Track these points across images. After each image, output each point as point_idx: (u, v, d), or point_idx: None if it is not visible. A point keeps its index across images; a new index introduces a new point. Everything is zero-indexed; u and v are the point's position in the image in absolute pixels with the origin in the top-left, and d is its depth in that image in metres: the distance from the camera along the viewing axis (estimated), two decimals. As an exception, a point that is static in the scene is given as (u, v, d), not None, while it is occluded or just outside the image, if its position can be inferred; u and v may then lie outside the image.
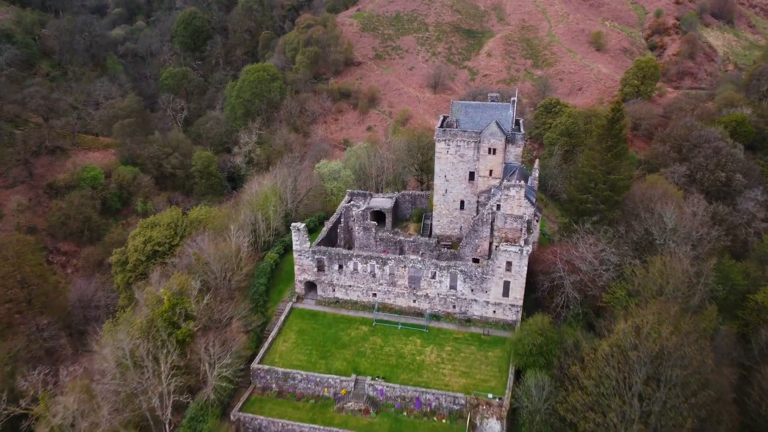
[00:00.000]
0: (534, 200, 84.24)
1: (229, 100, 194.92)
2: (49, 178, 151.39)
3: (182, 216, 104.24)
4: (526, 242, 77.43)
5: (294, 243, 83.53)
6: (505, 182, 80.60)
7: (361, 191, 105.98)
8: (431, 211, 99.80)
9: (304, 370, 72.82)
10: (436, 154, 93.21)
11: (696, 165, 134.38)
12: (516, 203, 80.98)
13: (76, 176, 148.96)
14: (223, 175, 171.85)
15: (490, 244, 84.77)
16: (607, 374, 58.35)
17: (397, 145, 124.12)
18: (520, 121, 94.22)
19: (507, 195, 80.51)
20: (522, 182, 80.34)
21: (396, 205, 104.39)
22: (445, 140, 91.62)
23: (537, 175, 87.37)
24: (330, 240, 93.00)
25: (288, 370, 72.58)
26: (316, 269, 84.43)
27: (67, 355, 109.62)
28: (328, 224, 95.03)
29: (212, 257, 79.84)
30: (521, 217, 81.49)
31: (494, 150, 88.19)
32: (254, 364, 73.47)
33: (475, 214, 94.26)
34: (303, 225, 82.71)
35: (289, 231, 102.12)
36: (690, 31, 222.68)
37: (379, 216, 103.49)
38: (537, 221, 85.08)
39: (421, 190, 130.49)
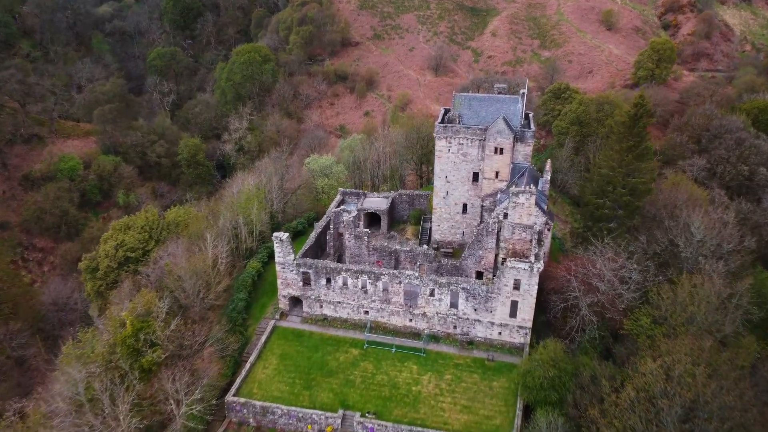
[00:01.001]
0: (546, 207, 75.14)
1: (218, 83, 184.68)
2: (24, 169, 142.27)
3: (159, 218, 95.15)
4: (536, 258, 68.53)
5: (276, 255, 74.75)
6: (513, 188, 71.46)
7: (354, 190, 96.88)
8: (431, 212, 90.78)
9: (286, 404, 64.58)
10: (436, 153, 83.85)
11: (716, 157, 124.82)
12: (525, 212, 72.00)
13: (53, 167, 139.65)
14: (212, 164, 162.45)
15: (496, 256, 75.97)
16: (632, 426, 49.89)
17: (395, 137, 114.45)
18: (530, 116, 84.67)
19: (515, 202, 71.51)
20: (532, 187, 71.23)
21: (392, 206, 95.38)
22: (446, 137, 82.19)
23: (549, 178, 78.06)
24: (319, 246, 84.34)
25: (267, 403, 64.34)
26: (301, 283, 75.81)
27: (39, 367, 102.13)
28: (317, 228, 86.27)
29: (185, 272, 71.09)
30: (531, 227, 72.57)
31: (501, 150, 78.81)
32: (229, 396, 65.24)
33: (478, 219, 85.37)
34: (286, 235, 73.83)
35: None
36: (705, 8, 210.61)
37: (373, 218, 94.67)
38: (549, 230, 76.10)
39: (421, 185, 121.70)
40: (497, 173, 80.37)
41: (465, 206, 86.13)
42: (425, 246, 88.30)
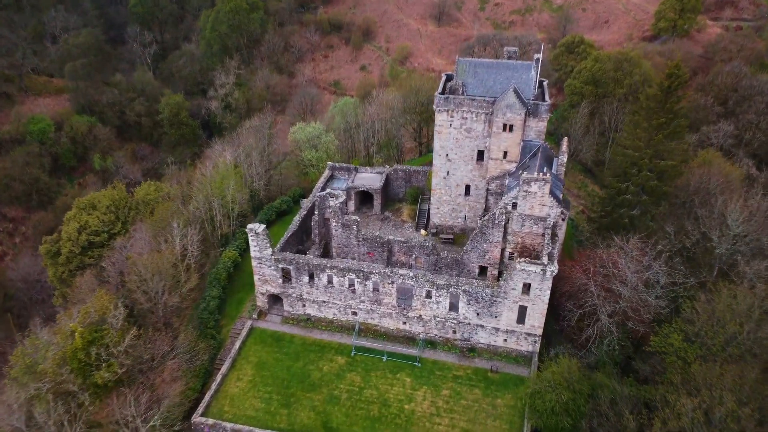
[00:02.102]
0: (561, 195, 65.16)
1: (203, 34, 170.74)
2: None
3: (127, 196, 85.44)
4: (550, 258, 59.13)
5: (252, 249, 65.49)
6: (524, 175, 61.40)
7: (345, 165, 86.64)
8: (429, 191, 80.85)
9: (261, 426, 56.68)
10: (436, 128, 73.22)
11: (745, 122, 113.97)
12: (538, 202, 62.38)
13: (22, 129, 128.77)
14: (197, 123, 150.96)
15: (503, 250, 66.64)
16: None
17: (391, 101, 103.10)
18: (545, 85, 73.56)
19: (527, 191, 61.74)
20: (547, 174, 61.19)
21: (387, 183, 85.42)
22: (447, 110, 71.36)
23: (565, 160, 67.68)
24: (304, 231, 75.11)
25: (239, 426, 56.44)
26: (281, 280, 66.86)
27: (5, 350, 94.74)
28: (301, 212, 76.83)
29: (147, 270, 61.96)
30: (544, 220, 62.98)
31: (511, 126, 68.17)
32: (196, 417, 57.34)
33: (483, 202, 75.56)
34: (262, 227, 64.32)
35: (256, 214, 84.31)
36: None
37: (366, 196, 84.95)
38: (564, 220, 66.32)
39: (420, 152, 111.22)
40: (505, 153, 70.00)
41: (468, 188, 76.21)
42: (422, 231, 79.22)
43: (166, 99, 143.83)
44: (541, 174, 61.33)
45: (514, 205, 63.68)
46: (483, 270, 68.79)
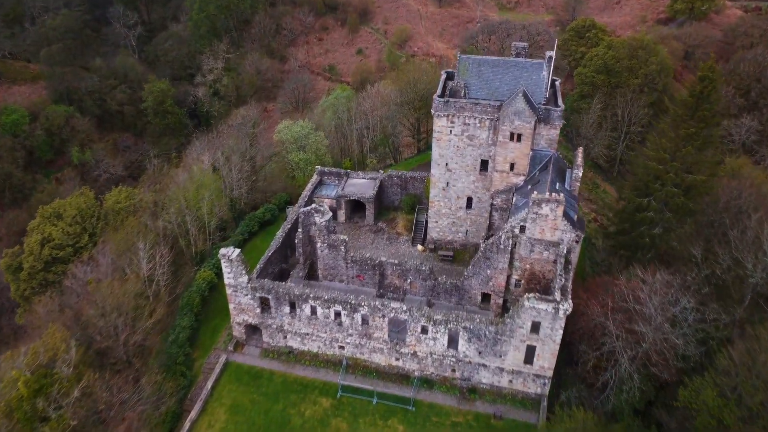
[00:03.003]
0: (576, 215, 57.40)
1: (191, 14, 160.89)
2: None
3: (95, 203, 77.81)
4: (563, 293, 51.70)
5: (226, 276, 58.11)
6: (535, 195, 53.63)
7: (335, 170, 78.77)
8: (427, 198, 73.07)
9: (232, 484, 50.09)
10: (435, 134, 65.17)
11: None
12: (550, 226, 54.63)
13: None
14: (183, 112, 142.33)
15: (508, 277, 59.15)
16: None
17: (387, 94, 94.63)
18: (557, 85, 65.24)
19: (537, 213, 54.00)
20: (561, 195, 53.41)
21: (380, 190, 77.73)
22: (447, 115, 63.25)
23: (580, 174, 59.69)
24: (288, 246, 67.76)
25: (207, 486, 49.85)
26: (258, 310, 59.61)
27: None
28: (285, 224, 69.33)
29: (106, 302, 54.65)
30: (556, 245, 55.39)
31: (519, 136, 60.10)
32: (160, 474, 50.71)
33: (486, 216, 67.92)
34: (236, 252, 56.81)
35: (238, 223, 76.93)
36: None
37: (357, 204, 77.35)
38: (578, 242, 58.72)
39: (418, 149, 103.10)
40: (512, 165, 62.04)
41: (470, 200, 68.44)
42: (419, 246, 71.73)
43: (149, 86, 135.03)
44: (554, 194, 53.52)
45: (522, 229, 56.04)
46: (486, 297, 61.48)
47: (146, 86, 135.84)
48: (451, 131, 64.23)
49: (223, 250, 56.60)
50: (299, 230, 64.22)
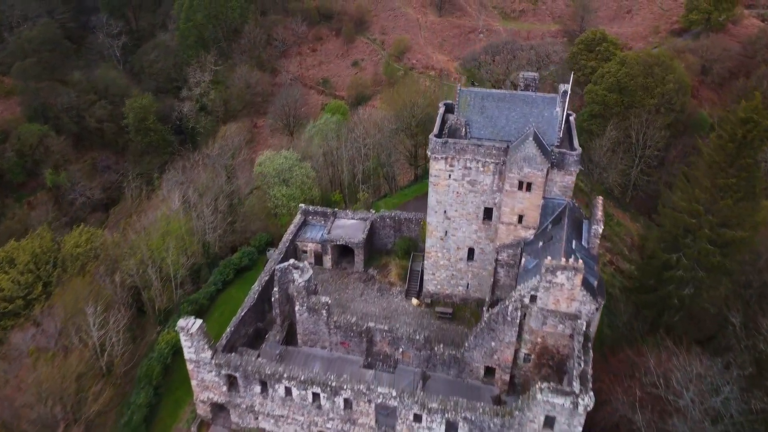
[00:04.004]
0: (596, 280, 48.91)
1: (177, 24, 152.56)
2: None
3: (52, 246, 69.56)
4: (582, 381, 43.28)
5: (186, 351, 49.79)
6: (548, 261, 45.22)
7: (321, 209, 70.45)
8: (423, 242, 64.62)
9: None
10: (431, 178, 56.82)
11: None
12: (566, 296, 46.27)
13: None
14: (167, 129, 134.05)
15: (516, 351, 50.77)
16: None
17: (380, 119, 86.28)
18: (572, 121, 56.96)
19: (551, 282, 45.63)
20: (579, 261, 45.00)
21: (371, 233, 69.45)
22: (445, 157, 54.91)
23: (600, 230, 51.19)
24: (266, 300, 59.55)
25: None
26: (225, 387, 51.29)
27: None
28: (262, 275, 61.11)
29: (41, 388, 46.33)
30: (574, 318, 47.01)
31: (529, 185, 51.72)
32: None
33: (490, 268, 59.51)
34: (198, 324, 48.49)
35: (212, 269, 68.84)
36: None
37: (346, 249, 69.06)
38: (598, 309, 50.25)
39: (415, 177, 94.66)
40: (521, 217, 53.65)
41: (471, 251, 60.10)
42: (414, 300, 63.41)
43: (131, 102, 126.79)
44: (571, 260, 45.07)
45: (533, 298, 47.64)
46: (490, 370, 53.09)
47: (127, 102, 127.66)
48: (450, 175, 55.86)
49: (181, 322, 48.27)
50: (275, 289, 55.92)
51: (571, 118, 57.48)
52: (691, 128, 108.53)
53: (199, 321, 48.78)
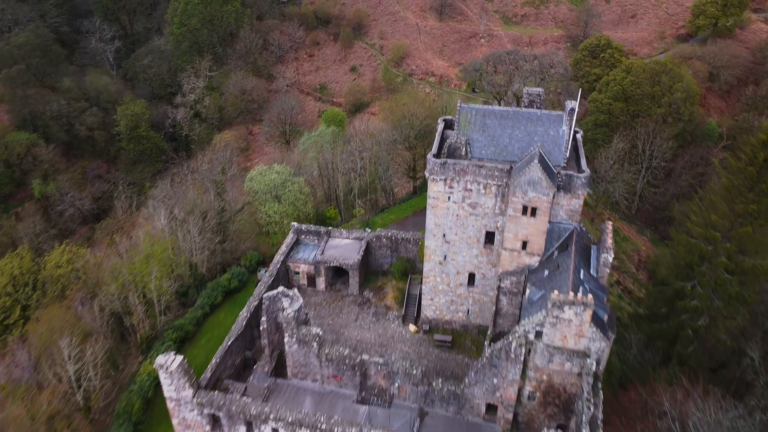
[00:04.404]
0: (606, 314, 45.53)
1: (171, 28, 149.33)
2: None
3: (32, 267, 66.23)
4: (593, 428, 39.90)
5: (165, 389, 46.46)
6: (555, 295, 41.82)
7: (314, 228, 66.99)
8: (421, 262, 61.31)
9: None
10: (430, 200, 53.40)
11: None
12: (574, 332, 42.89)
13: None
14: (160, 136, 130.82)
15: (520, 389, 47.38)
16: None
17: (378, 132, 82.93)
18: (579, 139, 53.61)
19: (558, 318, 42.25)
20: (589, 295, 41.60)
21: (367, 253, 66.04)
22: (444, 179, 51.56)
23: (610, 258, 47.84)
24: (254, 328, 56.27)
25: None
26: (208, 427, 47.93)
27: None
28: (251, 300, 57.77)
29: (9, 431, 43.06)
30: (582, 356, 43.62)
31: (534, 210, 48.34)
32: None
33: (492, 294, 56.20)
34: (178, 361, 45.16)
35: (199, 291, 65.54)
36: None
37: (340, 270, 65.69)
38: (609, 342, 46.87)
39: (414, 189, 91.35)
40: (525, 243, 50.25)
41: (472, 277, 56.71)
42: (411, 326, 60.02)
43: (123, 108, 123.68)
44: (580, 295, 41.68)
45: (538, 334, 44.27)
46: (491, 407, 49.70)
47: (119, 109, 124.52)
48: (449, 197, 52.48)
49: (160, 359, 44.94)
50: (264, 318, 52.59)
51: (579, 136, 54.12)
52: (699, 138, 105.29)
53: (180, 357, 45.45)
